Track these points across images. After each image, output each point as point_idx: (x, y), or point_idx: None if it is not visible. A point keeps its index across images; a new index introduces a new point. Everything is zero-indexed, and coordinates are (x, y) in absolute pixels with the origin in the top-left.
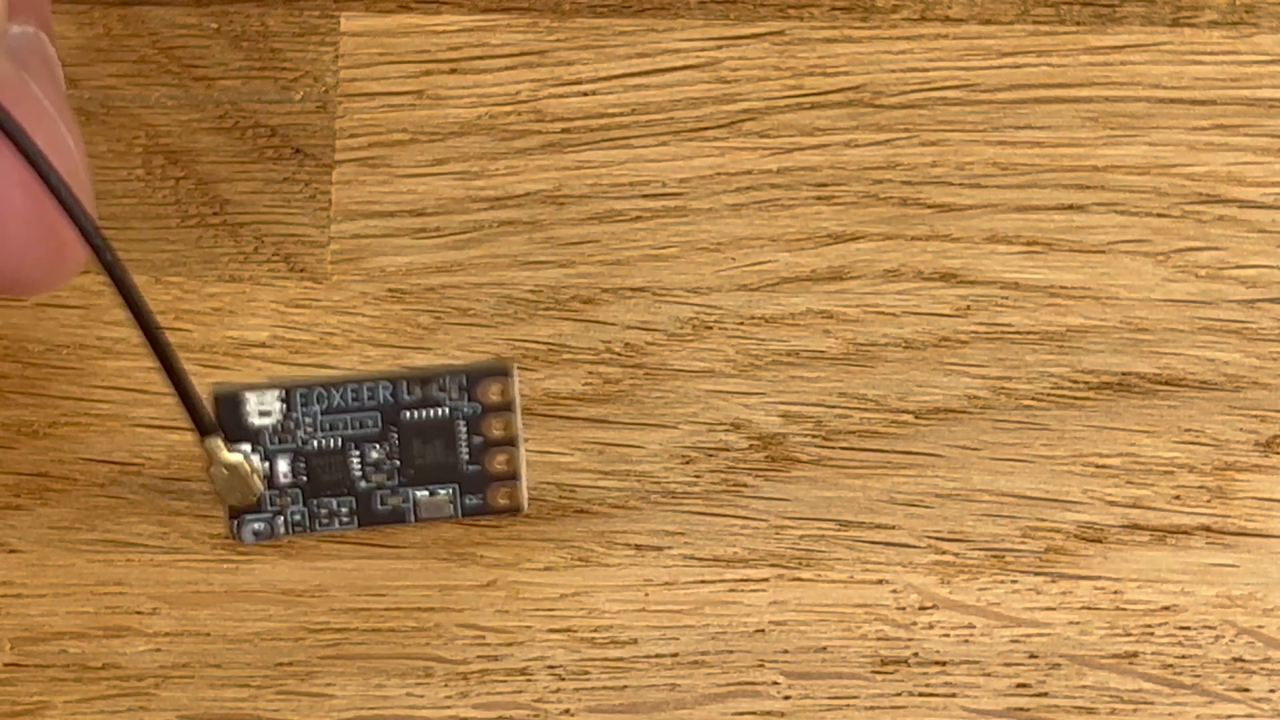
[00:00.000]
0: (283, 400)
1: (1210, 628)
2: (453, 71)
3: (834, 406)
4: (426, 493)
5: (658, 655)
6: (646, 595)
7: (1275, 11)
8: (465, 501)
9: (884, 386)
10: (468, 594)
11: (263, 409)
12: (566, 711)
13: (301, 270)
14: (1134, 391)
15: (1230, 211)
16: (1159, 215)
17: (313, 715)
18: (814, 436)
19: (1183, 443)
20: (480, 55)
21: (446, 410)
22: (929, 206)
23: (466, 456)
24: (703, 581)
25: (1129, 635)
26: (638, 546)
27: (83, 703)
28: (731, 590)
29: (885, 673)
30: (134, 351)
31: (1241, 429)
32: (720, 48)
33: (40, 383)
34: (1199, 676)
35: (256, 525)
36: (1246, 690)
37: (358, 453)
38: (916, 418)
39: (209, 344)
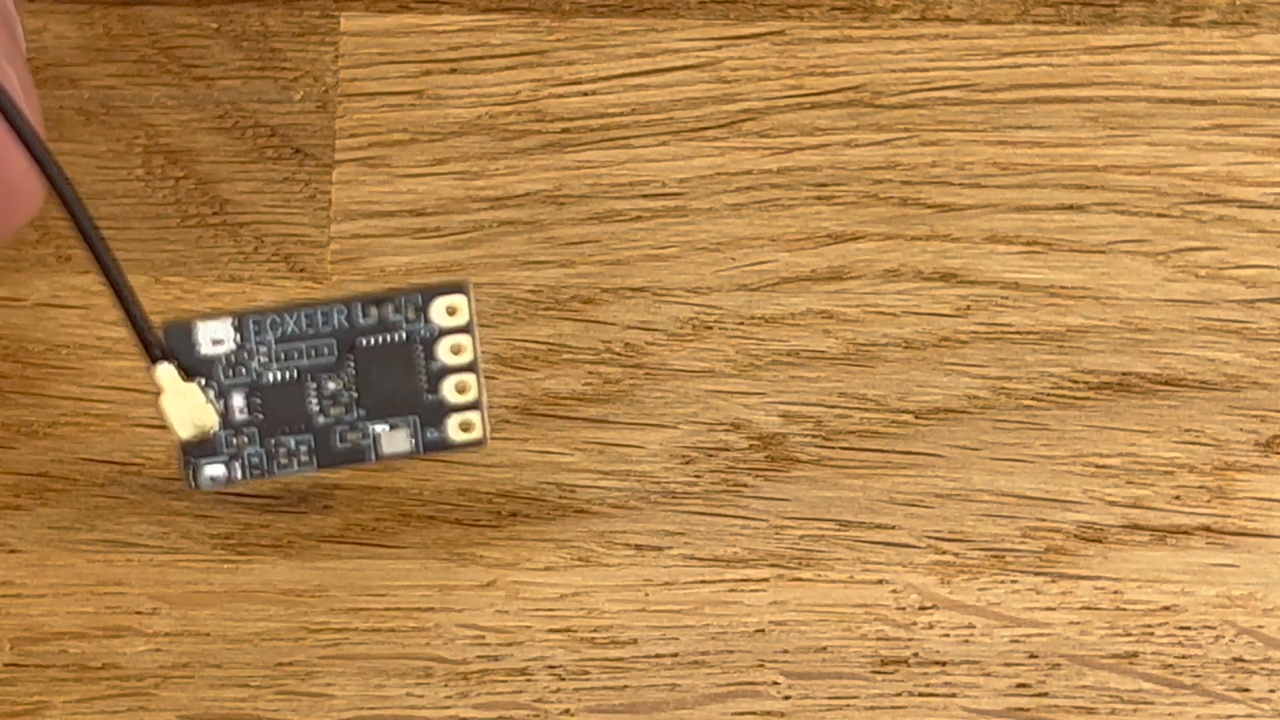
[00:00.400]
0: (236, 329)
1: (1210, 628)
2: (453, 71)
3: (834, 406)
4: (386, 427)
5: (658, 655)
6: (646, 595)
7: (1275, 11)
8: (426, 435)
9: (884, 386)
10: (468, 594)
11: (215, 338)
12: (566, 711)
13: (301, 270)
14: (1134, 391)
15: (1230, 211)
16: (1159, 215)
17: (312, 715)
18: (814, 436)
19: (1183, 443)
20: (480, 55)
21: (403, 334)
22: (929, 206)
23: (425, 384)
24: (703, 581)
25: (1129, 635)
26: (638, 546)
27: (82, 703)
28: (731, 590)
29: (885, 673)
30: (134, 351)
31: (1241, 429)
32: (720, 48)
33: (40, 383)
34: (1199, 676)
35: (213, 470)
36: (1246, 690)
37: (314, 384)
38: (916, 418)
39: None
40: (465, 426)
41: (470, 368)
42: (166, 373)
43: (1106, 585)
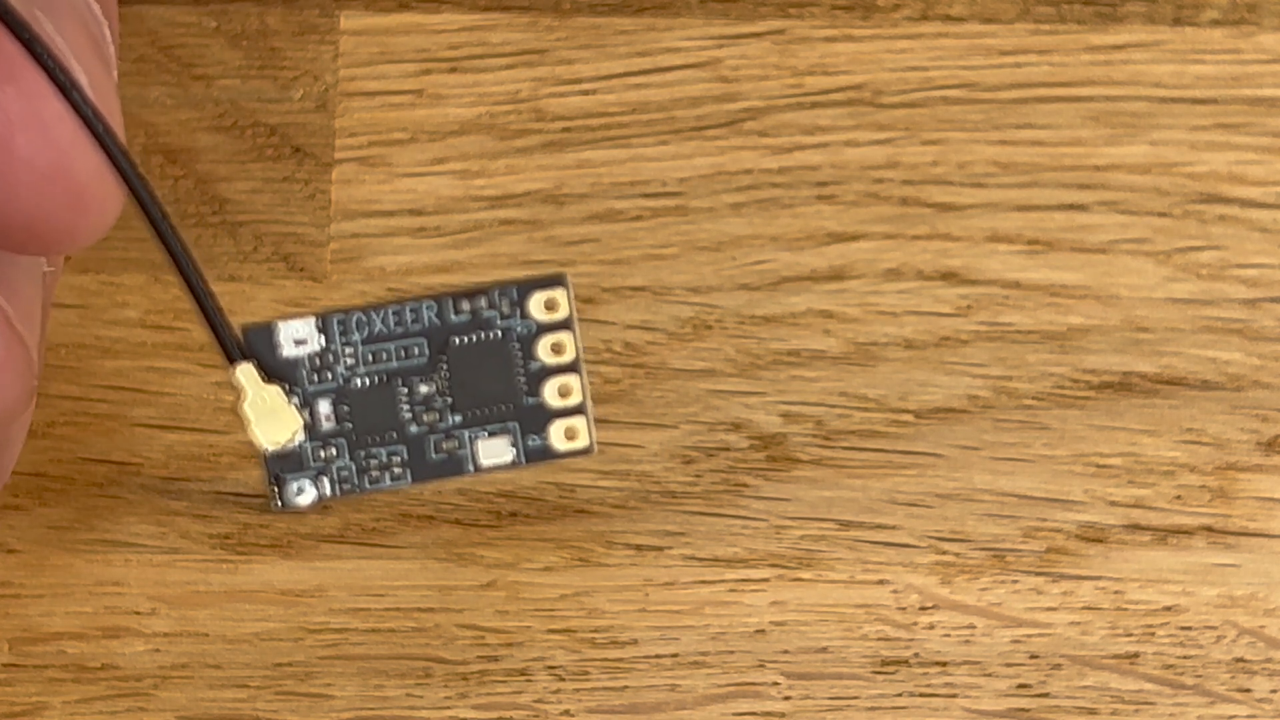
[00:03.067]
0: (319, 330)
1: (1212, 628)
2: (452, 70)
3: (834, 406)
4: (484, 435)
5: (658, 655)
6: (646, 595)
7: (1277, 10)
8: (528, 444)
9: (885, 386)
10: (467, 594)
11: (298, 338)
12: (566, 712)
13: (301, 269)
14: (1135, 391)
15: (1232, 211)
16: (1160, 214)
17: (312, 716)
18: (814, 436)
19: (1184, 442)
20: (480, 54)
21: (499, 331)
22: (930, 206)
23: (524, 386)
24: (703, 582)
25: (1130, 635)
26: (638, 546)
27: (81, 703)
28: (732, 590)
29: (886, 673)
30: (132, 351)
31: (1243, 429)
32: (720, 46)
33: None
34: (1200, 677)
35: (302, 487)
36: (1248, 691)
37: (405, 389)
38: (917, 417)
39: (208, 343)
40: (570, 434)
41: (573, 368)
42: (247, 373)
43: (1108, 585)
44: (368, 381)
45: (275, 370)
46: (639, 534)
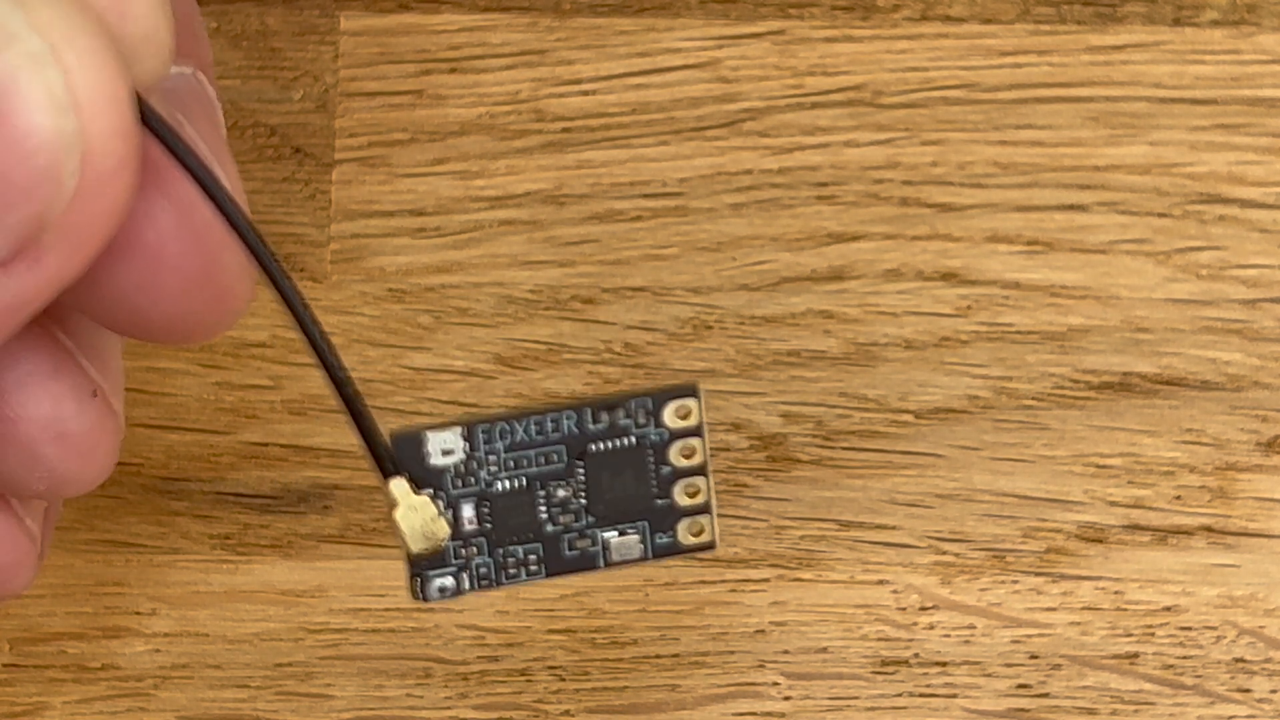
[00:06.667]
0: (465, 439)
1: (1211, 628)
2: (452, 71)
3: (834, 406)
4: (615, 533)
5: (658, 656)
6: (646, 595)
7: (1277, 11)
8: (655, 541)
9: (885, 386)
10: (467, 594)
11: (445, 448)
12: (566, 712)
13: (301, 270)
14: (1135, 391)
15: (1231, 211)
16: (1160, 215)
17: (312, 716)
18: (814, 436)
19: (1184, 443)
20: (480, 55)
21: (634, 439)
22: (930, 206)
23: (655, 489)
24: (703, 582)
25: (1130, 636)
26: None
27: (81, 703)
28: (732, 590)
29: (886, 673)
30: (132, 351)
31: (1243, 429)
32: (720, 47)
33: None
34: (1200, 677)
35: (443, 582)
36: (1248, 691)
37: (543, 492)
38: (917, 418)
39: (208, 344)
40: (695, 530)
41: (701, 470)
42: (399, 487)
43: (1107, 586)
44: (509, 485)
45: (423, 479)
46: None
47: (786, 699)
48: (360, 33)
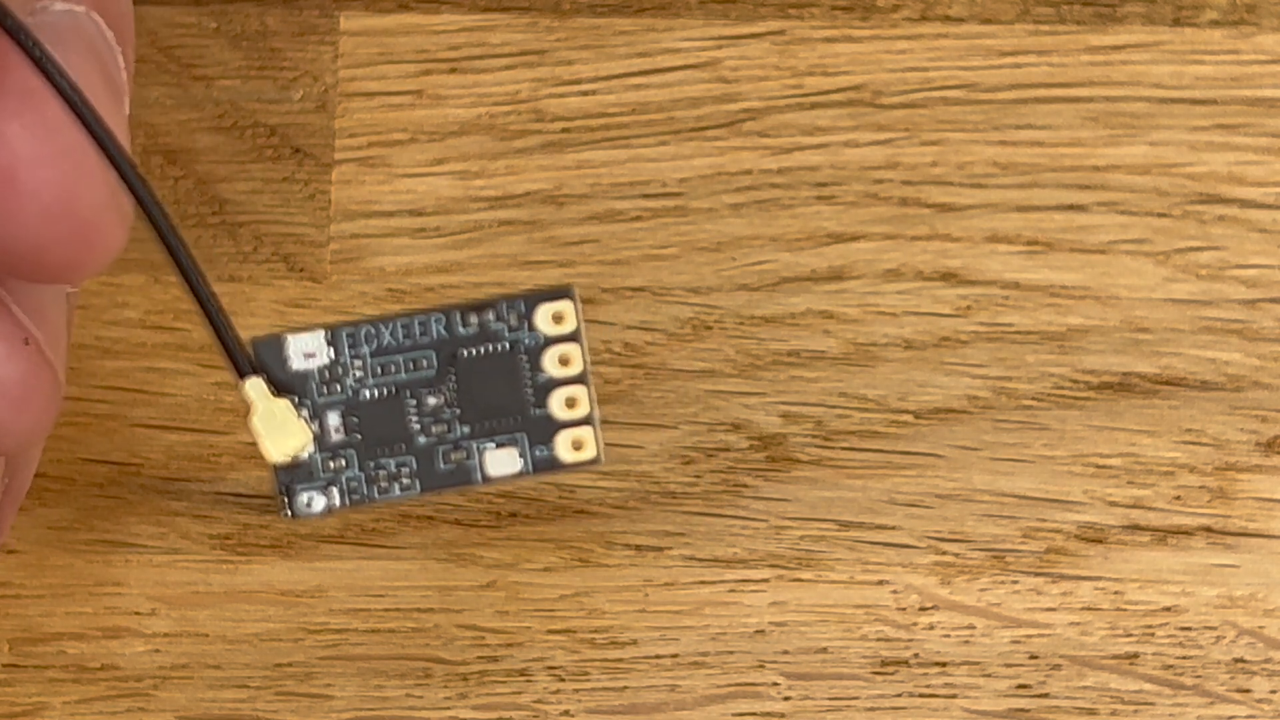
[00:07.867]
0: (329, 343)
1: (1211, 628)
2: (452, 71)
3: (834, 406)
4: (492, 445)
5: (658, 656)
6: (646, 596)
7: (1277, 11)
8: (535, 454)
9: (884, 386)
10: (467, 595)
11: (307, 351)
12: (566, 713)
13: (300, 270)
14: (1135, 392)
15: (1231, 211)
16: (1160, 215)
17: (311, 716)
18: (814, 437)
19: (1184, 443)
20: (480, 55)
21: (506, 344)
22: (929, 206)
23: (532, 398)
24: (703, 582)
25: (1130, 636)
26: (638, 547)
27: (81, 704)
28: (731, 591)
29: (885, 674)
30: (132, 351)
31: (1242, 429)
32: (720, 47)
33: None
34: (1200, 677)
35: (311, 496)
36: (1248, 691)
37: (413, 400)
38: (917, 418)
39: (208, 344)
40: (577, 445)
41: (580, 379)
42: (257, 387)
43: (1107, 586)
44: (377, 393)
45: (284, 383)
46: (639, 534)
47: (786, 699)
48: (360, 33)
